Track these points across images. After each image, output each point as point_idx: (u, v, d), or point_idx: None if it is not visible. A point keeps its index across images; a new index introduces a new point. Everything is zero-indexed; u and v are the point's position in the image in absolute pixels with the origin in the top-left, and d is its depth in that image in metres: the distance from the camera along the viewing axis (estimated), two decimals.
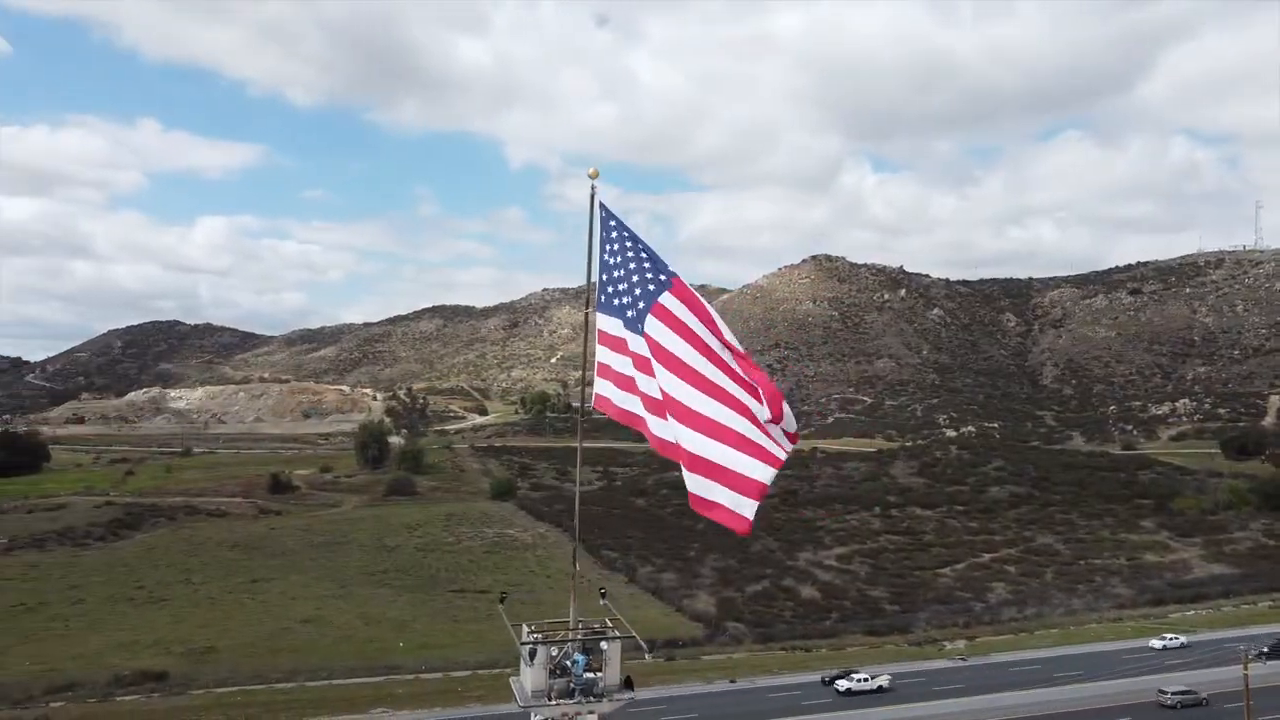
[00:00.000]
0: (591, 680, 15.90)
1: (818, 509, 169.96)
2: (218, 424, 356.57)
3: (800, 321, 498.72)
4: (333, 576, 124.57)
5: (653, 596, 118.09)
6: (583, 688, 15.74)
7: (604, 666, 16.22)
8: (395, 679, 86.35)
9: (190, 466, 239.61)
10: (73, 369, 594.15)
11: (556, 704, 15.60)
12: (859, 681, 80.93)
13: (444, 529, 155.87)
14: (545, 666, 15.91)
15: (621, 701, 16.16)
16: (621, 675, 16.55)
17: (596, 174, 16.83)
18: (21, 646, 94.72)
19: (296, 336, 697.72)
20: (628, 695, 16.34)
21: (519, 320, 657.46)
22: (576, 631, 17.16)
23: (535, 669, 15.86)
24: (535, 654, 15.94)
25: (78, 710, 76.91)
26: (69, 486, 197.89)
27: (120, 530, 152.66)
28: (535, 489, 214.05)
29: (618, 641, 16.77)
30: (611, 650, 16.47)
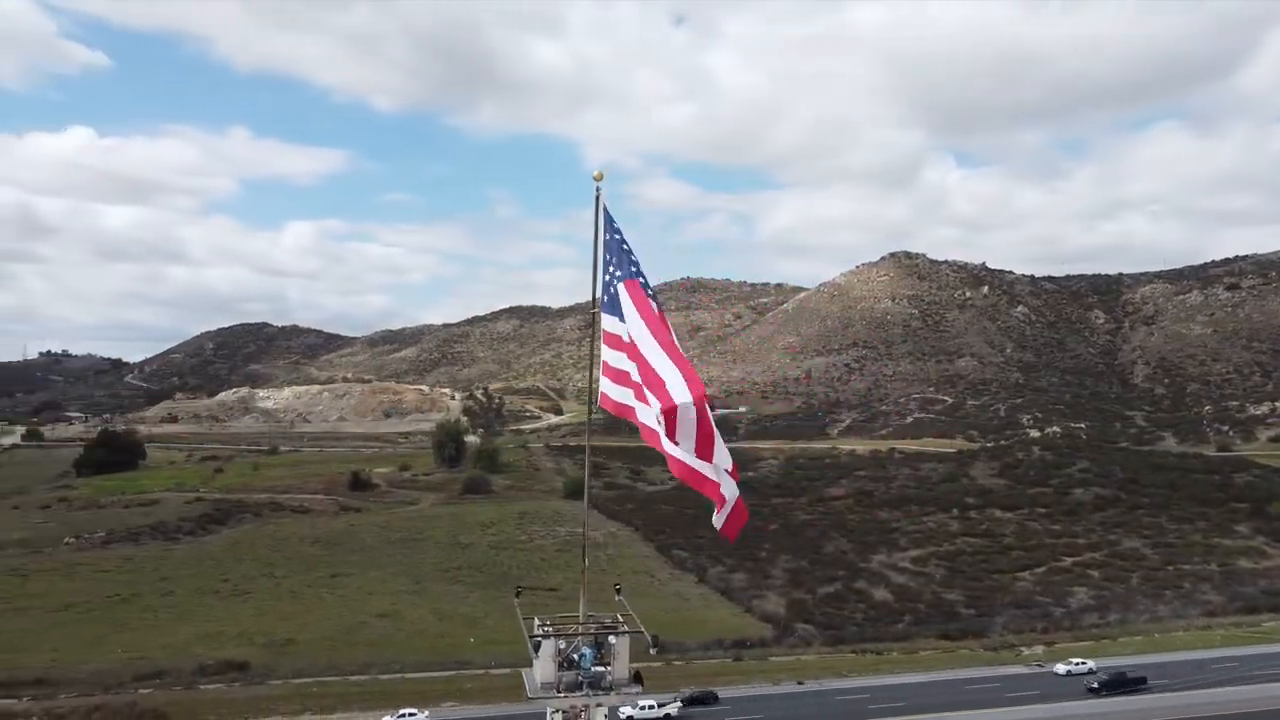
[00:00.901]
0: (600, 674, 16.02)
1: (894, 510, 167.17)
2: (303, 423, 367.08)
3: (879, 320, 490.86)
4: (408, 572, 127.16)
5: (722, 597, 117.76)
6: (590, 681, 15.88)
7: (612, 661, 16.30)
8: (465, 674, 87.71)
9: (276, 464, 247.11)
10: (168, 370, 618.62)
11: (565, 696, 15.79)
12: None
13: (517, 527, 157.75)
14: (554, 659, 16.08)
15: (630, 695, 16.26)
16: (630, 670, 16.60)
17: (601, 176, 17.02)
18: (116, 635, 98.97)
19: (378, 337, 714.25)
20: (636, 689, 16.46)
21: (592, 320, 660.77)
22: (587, 626, 17.25)
23: (544, 661, 16.07)
24: (540, 646, 16.13)
25: (164, 697, 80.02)
26: (162, 483, 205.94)
27: (209, 525, 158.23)
28: (608, 488, 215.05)
29: (626, 637, 16.84)
30: (620, 645, 16.58)
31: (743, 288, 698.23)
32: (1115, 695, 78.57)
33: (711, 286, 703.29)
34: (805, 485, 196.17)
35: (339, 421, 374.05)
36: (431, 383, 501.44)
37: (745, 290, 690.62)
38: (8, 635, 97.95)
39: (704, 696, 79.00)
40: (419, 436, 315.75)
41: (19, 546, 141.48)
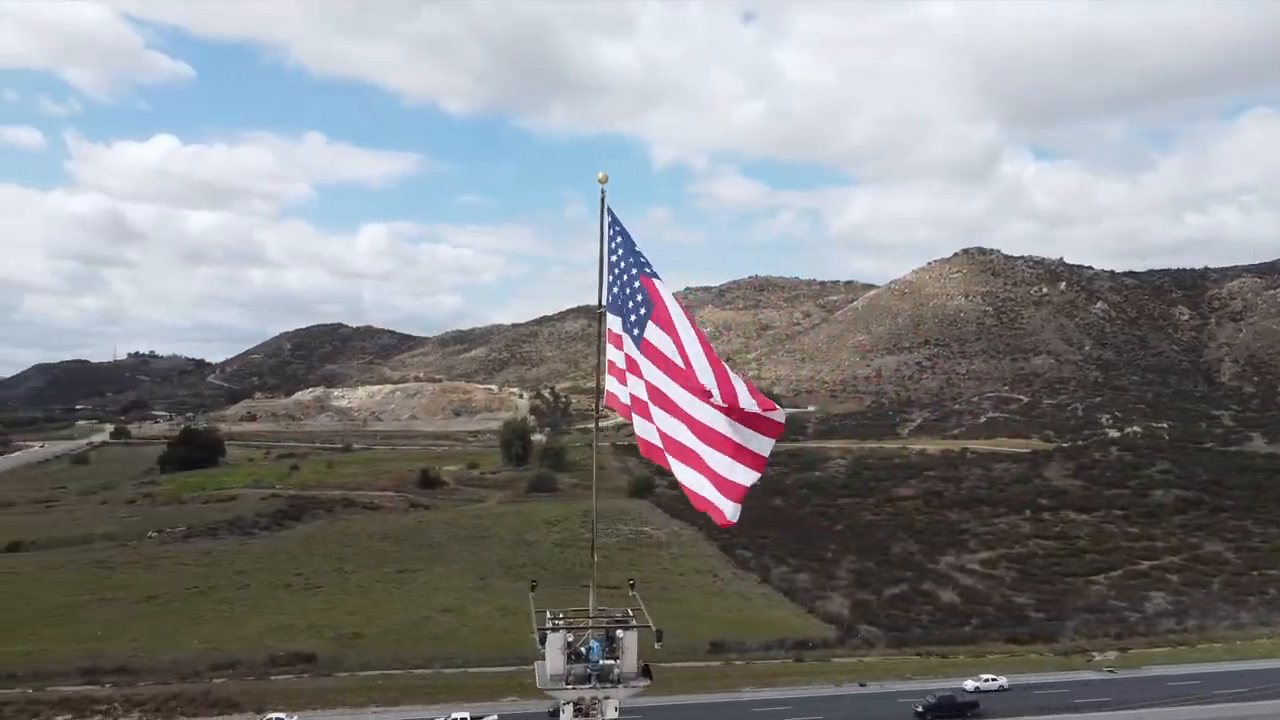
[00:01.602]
0: (608, 667, 16.12)
1: (964, 511, 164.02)
2: (375, 421, 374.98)
3: (951, 318, 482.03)
4: (474, 569, 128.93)
5: (785, 597, 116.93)
6: (599, 674, 16.00)
7: (621, 654, 16.40)
8: (527, 669, 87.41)
9: (349, 462, 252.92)
10: (247, 370, 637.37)
11: (573, 688, 15.95)
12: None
13: (581, 525, 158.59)
14: (563, 652, 16.25)
15: (637, 688, 16.35)
16: (639, 663, 16.67)
17: (605, 179, 17.10)
18: (193, 626, 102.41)
19: (449, 338, 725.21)
20: (644, 682, 16.52)
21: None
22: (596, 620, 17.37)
23: (553, 654, 16.28)
24: (544, 639, 16.34)
25: (236, 687, 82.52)
26: (240, 480, 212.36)
27: (284, 521, 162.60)
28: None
29: (634, 631, 16.90)
30: (628, 639, 16.68)
31: (812, 286, 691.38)
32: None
33: (780, 285, 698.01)
34: (873, 485, 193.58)
35: (410, 420, 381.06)
36: (500, 382, 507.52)
37: (814, 288, 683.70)
38: (93, 625, 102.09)
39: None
40: (487, 435, 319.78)
41: (106, 540, 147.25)
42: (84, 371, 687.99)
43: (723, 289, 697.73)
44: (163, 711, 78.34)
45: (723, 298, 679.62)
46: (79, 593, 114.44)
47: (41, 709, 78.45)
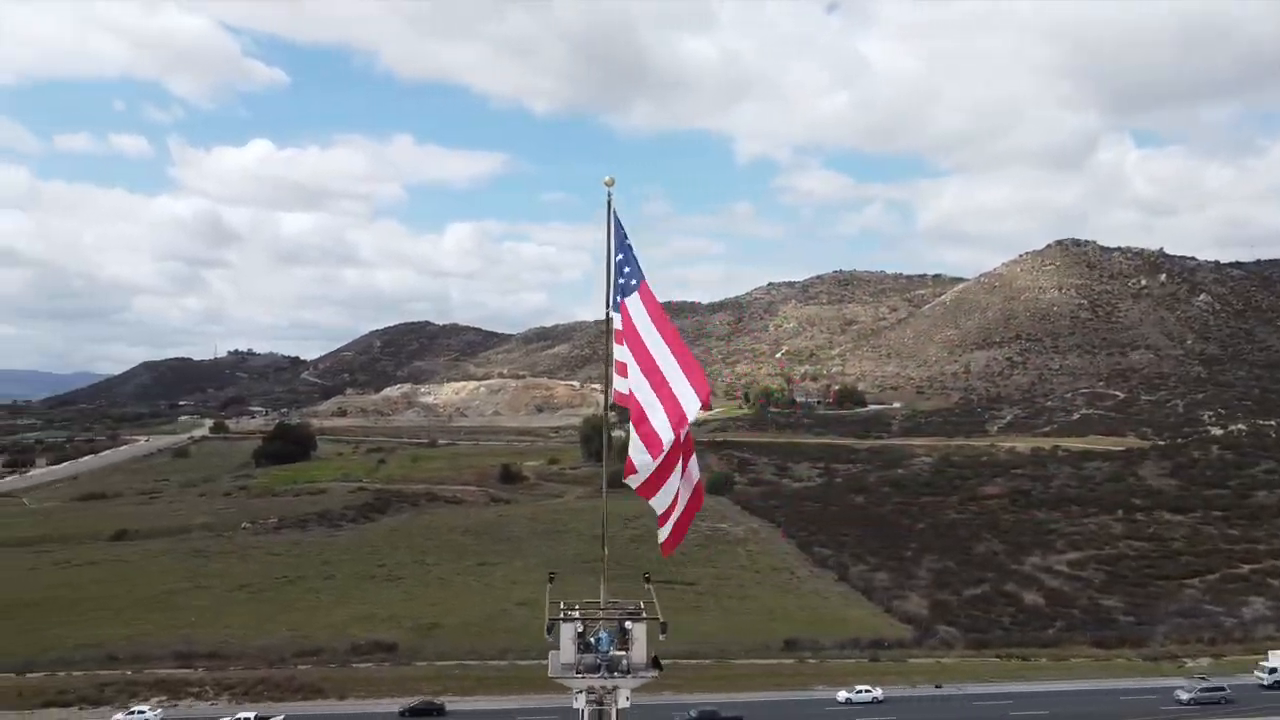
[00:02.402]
0: (617, 658, 16.34)
1: (1051, 511, 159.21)
2: (460, 417, 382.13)
3: (1043, 311, 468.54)
4: (551, 563, 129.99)
5: (862, 596, 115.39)
6: (608, 664, 16.24)
7: (630, 646, 16.60)
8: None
9: (434, 457, 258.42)
10: (339, 367, 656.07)
11: (582, 677, 16.22)
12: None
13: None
14: (574, 642, 16.52)
15: (646, 679, 16.55)
16: (649, 654, 16.85)
17: (612, 181, 17.29)
18: (281, 614, 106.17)
19: (532, 334, 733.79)
20: (653, 673, 16.70)
21: (744, 315, 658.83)
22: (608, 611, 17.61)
23: (565, 644, 16.56)
24: (551, 629, 16.65)
25: (319, 673, 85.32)
26: (330, 474, 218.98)
27: (370, 514, 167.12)
28: (753, 484, 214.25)
29: (644, 623, 17.07)
30: (637, 631, 16.87)
31: (898, 280, 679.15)
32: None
33: (865, 279, 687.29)
34: (957, 484, 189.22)
35: (494, 416, 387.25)
36: (582, 378, 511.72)
37: (900, 282, 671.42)
38: (189, 612, 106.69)
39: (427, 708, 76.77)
40: (568, 431, 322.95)
41: (203, 530, 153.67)
42: (187, 369, 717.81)
43: (806, 284, 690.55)
44: (250, 695, 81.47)
45: (806, 293, 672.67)
46: (177, 580, 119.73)
47: (139, 689, 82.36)
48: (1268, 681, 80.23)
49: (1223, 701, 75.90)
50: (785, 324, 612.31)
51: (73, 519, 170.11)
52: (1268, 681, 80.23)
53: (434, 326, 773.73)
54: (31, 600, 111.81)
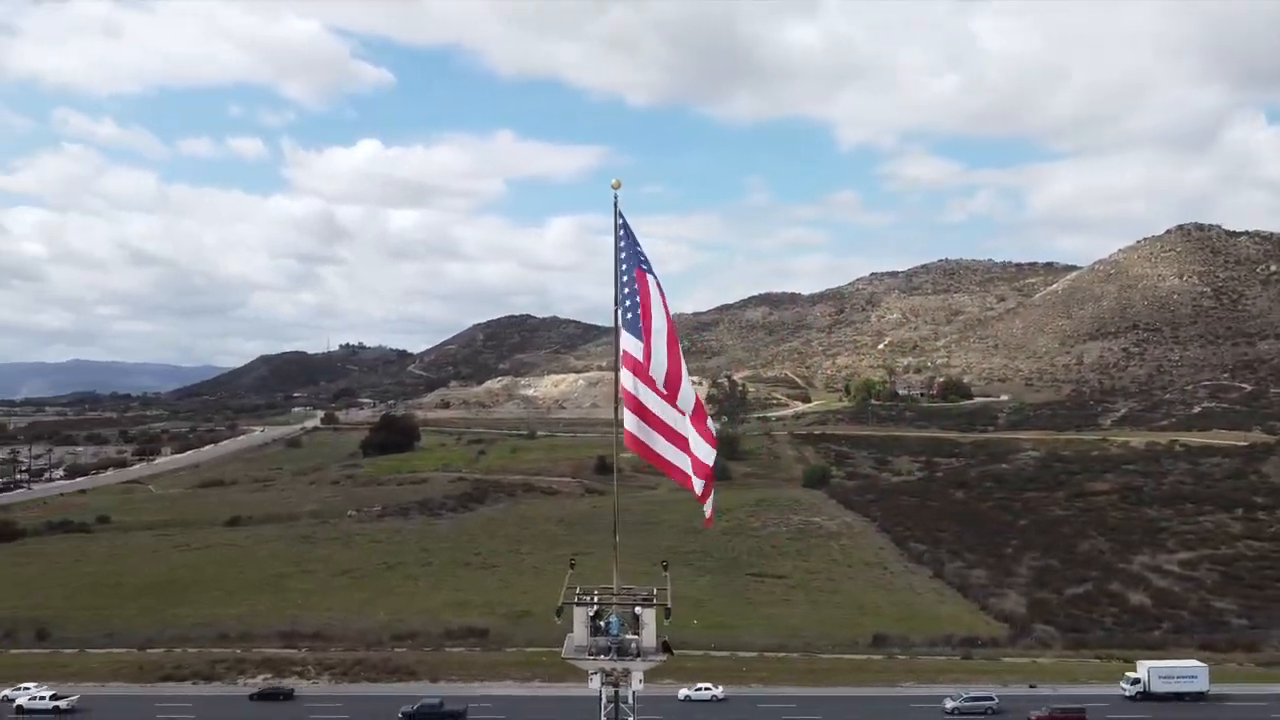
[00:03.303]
0: (627, 641, 16.77)
1: (1164, 508, 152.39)
2: (559, 409, 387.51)
3: (1162, 300, 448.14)
4: (642, 554, 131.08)
5: (957, 593, 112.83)
6: (618, 647, 16.67)
7: (640, 630, 17.01)
8: (684, 654, 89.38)
9: (532, 448, 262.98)
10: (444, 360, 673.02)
11: (594, 659, 16.72)
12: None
13: (751, 514, 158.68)
14: (586, 625, 17.01)
15: (656, 662, 16.93)
16: (659, 639, 17.22)
17: (619, 185, 17.36)
18: (380, 598, 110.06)
19: None
20: (663, 657, 17.08)
21: (845, 306, 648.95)
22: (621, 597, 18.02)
23: (578, 627, 17.07)
24: (560, 613, 17.15)
25: (414, 656, 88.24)
26: (432, 464, 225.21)
27: (468, 504, 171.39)
28: (850, 477, 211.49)
29: (653, 609, 17.44)
30: (646, 616, 17.26)
31: (1007, 268, 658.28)
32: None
33: (972, 268, 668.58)
34: (1064, 479, 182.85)
35: (591, 408, 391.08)
36: None
37: (1010, 271, 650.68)
38: (295, 594, 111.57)
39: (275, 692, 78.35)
40: None
41: (311, 517, 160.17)
42: (301, 362, 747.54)
43: (910, 274, 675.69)
44: (349, 675, 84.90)
45: (910, 283, 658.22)
46: (285, 565, 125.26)
47: (247, 667, 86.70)
48: (1130, 693, 76.40)
49: (989, 712, 73.12)
50: (888, 315, 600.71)
51: (193, 505, 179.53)
52: (1130, 693, 76.40)
53: (535, 320, 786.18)
54: (154, 581, 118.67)
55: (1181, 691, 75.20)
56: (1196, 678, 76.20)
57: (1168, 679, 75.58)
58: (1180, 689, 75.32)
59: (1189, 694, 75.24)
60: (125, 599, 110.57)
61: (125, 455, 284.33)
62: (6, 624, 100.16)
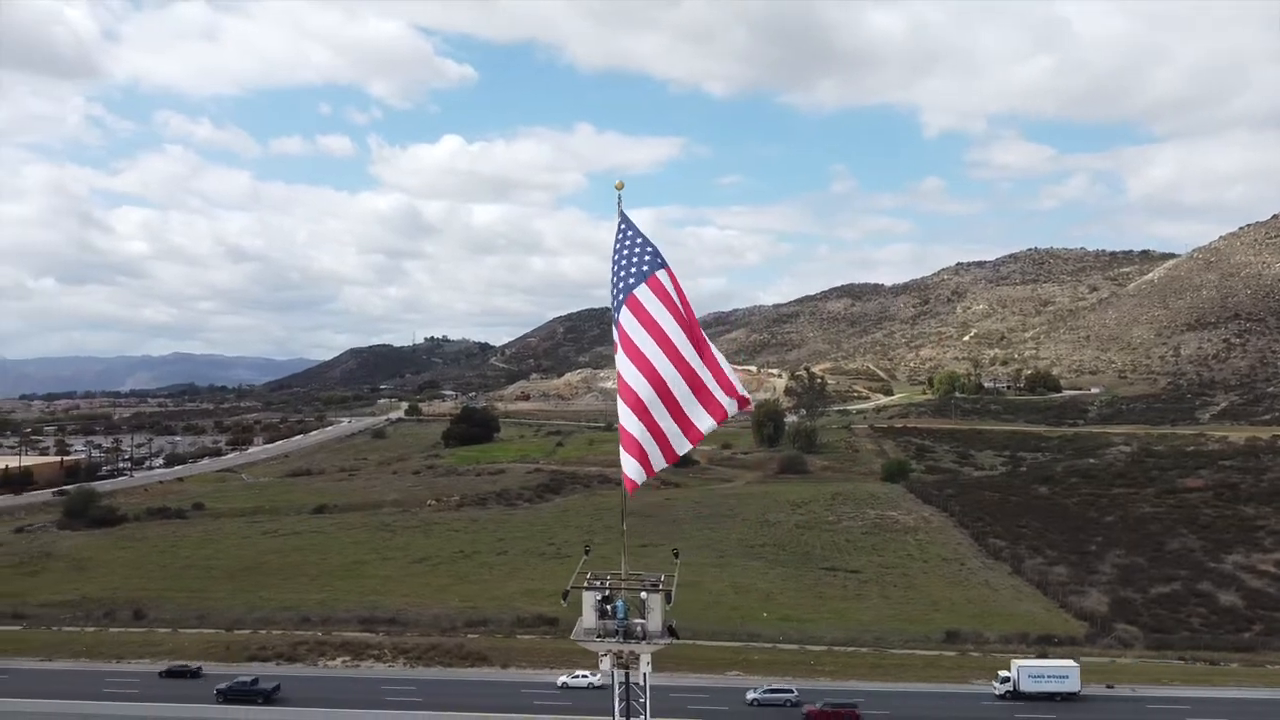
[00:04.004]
0: (633, 624, 17.21)
1: (1262, 506, 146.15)
2: None
3: (1268, 289, 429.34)
4: (713, 546, 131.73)
5: (1036, 590, 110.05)
6: (624, 630, 17.11)
7: (646, 614, 17.38)
8: (754, 646, 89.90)
9: (610, 440, 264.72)
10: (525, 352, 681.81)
11: (601, 640, 17.20)
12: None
13: (827, 508, 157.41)
14: (595, 609, 17.48)
15: (661, 644, 17.31)
16: (664, 623, 17.58)
17: (622, 185, 17.76)
18: (456, 586, 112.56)
19: (710, 319, 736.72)
20: (667, 640, 17.45)
21: (930, 297, 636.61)
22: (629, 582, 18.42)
23: (586, 611, 17.56)
24: (567, 595, 17.65)
25: (486, 642, 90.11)
26: (510, 455, 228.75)
27: (545, 494, 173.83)
28: (930, 471, 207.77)
29: (658, 594, 17.80)
30: (651, 601, 17.62)
31: (1100, 257, 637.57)
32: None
33: (1063, 257, 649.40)
34: (1155, 475, 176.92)
35: None
36: (760, 363, 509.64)
37: (1103, 260, 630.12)
38: (375, 581, 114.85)
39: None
40: (743, 416, 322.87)
41: (392, 506, 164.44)
42: (388, 354, 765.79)
43: (997, 264, 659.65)
44: (423, 660, 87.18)
45: (997, 273, 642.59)
46: (366, 552, 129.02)
47: (327, 649, 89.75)
48: (1000, 691, 74.94)
49: (787, 704, 72.36)
50: (974, 306, 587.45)
51: (282, 493, 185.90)
52: (1000, 691, 74.94)
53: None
54: (243, 565, 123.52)
55: (1052, 691, 74.20)
56: (1068, 678, 74.86)
57: (1038, 678, 74.73)
58: (1051, 689, 74.32)
59: (1060, 694, 74.06)
60: (216, 582, 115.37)
61: (220, 445, 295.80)
62: (107, 604, 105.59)
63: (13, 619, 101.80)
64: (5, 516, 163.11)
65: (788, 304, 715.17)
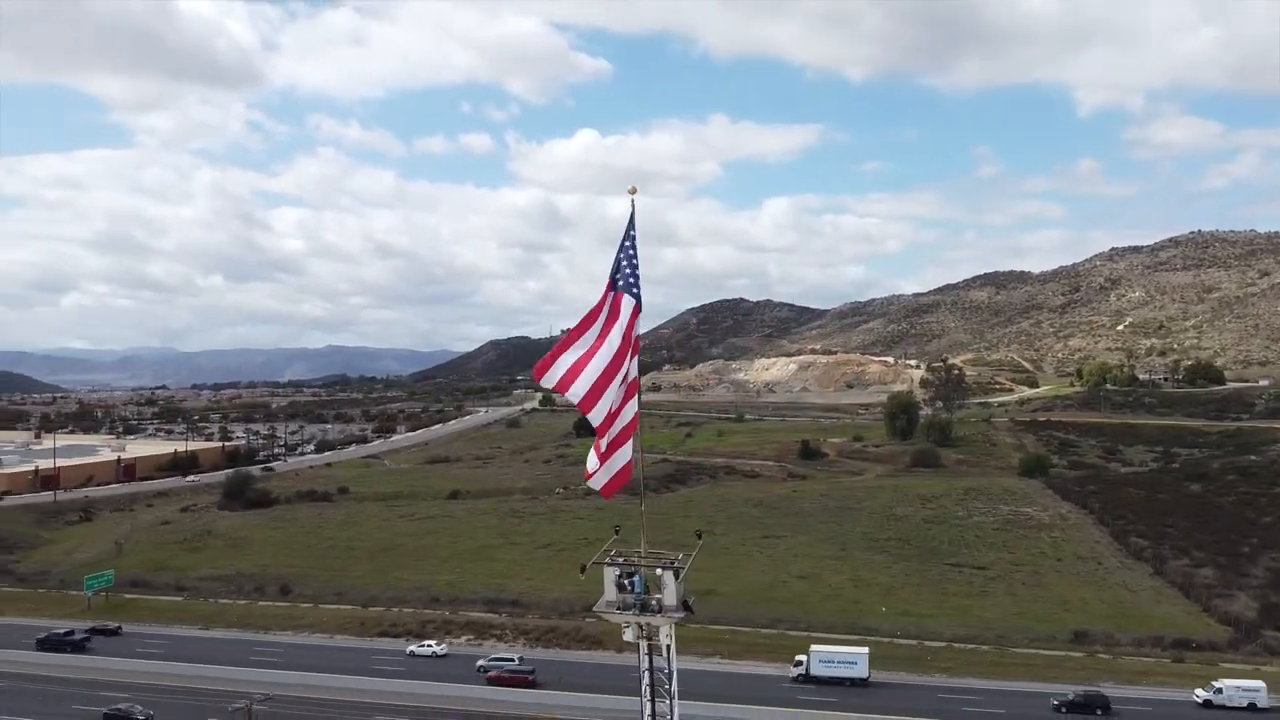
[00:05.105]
0: (648, 599, 18.14)
1: None
2: (768, 393, 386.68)
3: None
4: (836, 539, 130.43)
5: (1178, 592, 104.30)
6: (640, 604, 18.06)
7: (662, 590, 18.25)
8: (869, 640, 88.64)
9: (738, 431, 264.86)
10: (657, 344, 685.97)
11: (620, 613, 18.21)
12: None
13: (957, 503, 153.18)
14: (615, 584, 18.47)
15: (676, 618, 18.16)
16: (679, 599, 18.38)
17: (635, 190, 18.65)
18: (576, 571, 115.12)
19: (847, 309, 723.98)
20: (681, 614, 18.29)
21: (1081, 285, 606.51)
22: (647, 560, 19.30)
23: (607, 585, 18.59)
24: (584, 570, 18.74)
25: (600, 627, 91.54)
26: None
27: (669, 484, 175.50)
28: (1072, 467, 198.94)
29: (671, 571, 18.59)
30: (666, 578, 18.44)
31: (1273, 240, 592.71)
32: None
33: (1230, 240, 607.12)
34: None
35: (802, 392, 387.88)
36: (899, 354, 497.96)
37: (1276, 242, 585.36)
38: (501, 564, 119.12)
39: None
40: (878, 408, 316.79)
41: (522, 493, 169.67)
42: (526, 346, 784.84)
43: (1156, 248, 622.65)
44: (543, 641, 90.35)
45: (1155, 258, 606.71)
46: (494, 536, 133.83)
47: (452, 627, 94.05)
48: (794, 674, 78.98)
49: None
50: (1130, 293, 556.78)
51: (420, 479, 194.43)
52: (794, 674, 78.98)
53: (748, 303, 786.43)
54: (382, 546, 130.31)
55: (842, 676, 77.50)
56: (856, 663, 78.12)
57: (828, 663, 78.33)
58: (840, 674, 77.81)
59: (850, 679, 77.20)
60: (356, 562, 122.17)
61: (366, 433, 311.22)
62: (258, 579, 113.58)
63: (176, 590, 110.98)
64: (173, 497, 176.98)
65: (928, 293, 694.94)
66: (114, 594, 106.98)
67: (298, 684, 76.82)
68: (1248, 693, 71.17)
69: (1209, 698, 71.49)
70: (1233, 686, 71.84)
